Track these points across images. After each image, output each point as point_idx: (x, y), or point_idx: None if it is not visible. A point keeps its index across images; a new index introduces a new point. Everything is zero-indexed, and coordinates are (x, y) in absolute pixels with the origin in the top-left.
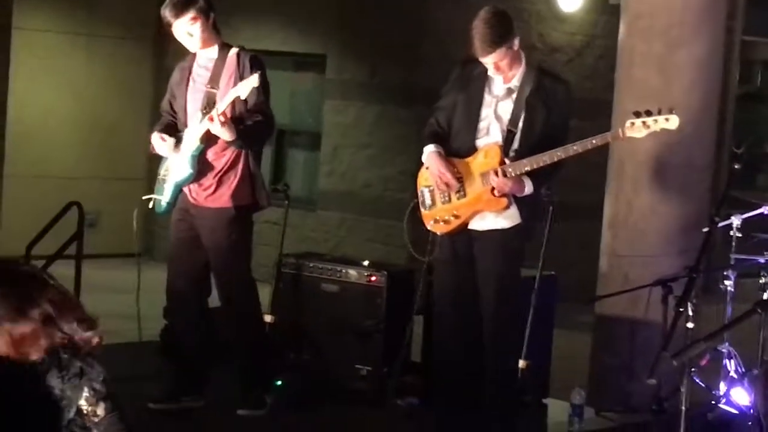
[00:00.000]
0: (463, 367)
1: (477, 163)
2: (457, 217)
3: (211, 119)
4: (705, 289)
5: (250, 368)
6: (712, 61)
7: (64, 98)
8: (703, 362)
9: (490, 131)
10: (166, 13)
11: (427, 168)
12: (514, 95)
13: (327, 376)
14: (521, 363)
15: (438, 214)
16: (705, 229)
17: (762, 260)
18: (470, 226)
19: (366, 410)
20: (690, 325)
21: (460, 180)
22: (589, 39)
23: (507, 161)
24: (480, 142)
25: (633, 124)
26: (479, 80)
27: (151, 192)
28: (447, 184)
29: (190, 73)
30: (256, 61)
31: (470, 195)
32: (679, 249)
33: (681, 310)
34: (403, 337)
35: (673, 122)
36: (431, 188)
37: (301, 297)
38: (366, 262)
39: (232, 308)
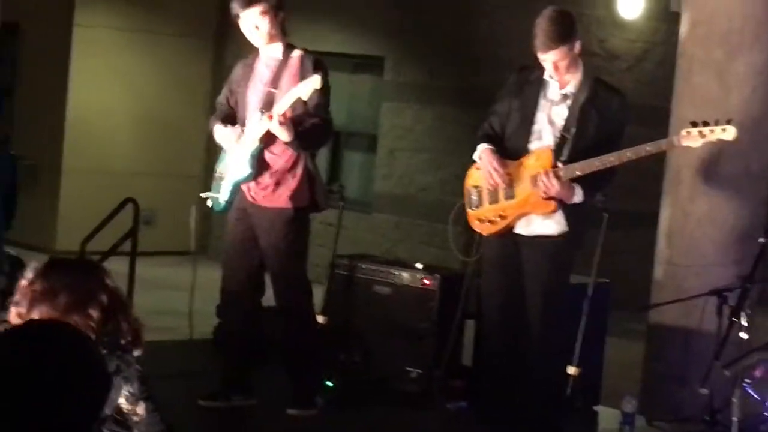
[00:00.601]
0: (509, 370)
1: (528, 165)
2: (503, 217)
3: (270, 118)
4: (760, 301)
5: (301, 369)
6: None
7: (123, 95)
8: (758, 373)
9: (543, 135)
10: (236, 3)
11: (477, 168)
12: (569, 101)
13: (377, 377)
14: (572, 369)
15: (484, 214)
16: (761, 239)
17: None
18: (516, 230)
19: (414, 412)
20: (744, 335)
21: (510, 181)
22: (649, 46)
23: (559, 164)
24: (532, 146)
25: (689, 133)
26: (535, 85)
27: (208, 190)
28: (496, 182)
29: (252, 71)
30: (320, 64)
31: (518, 196)
32: (734, 259)
33: (734, 320)
34: (448, 340)
35: (729, 133)
36: (479, 188)
37: (353, 298)
38: (419, 265)
39: (287, 309)
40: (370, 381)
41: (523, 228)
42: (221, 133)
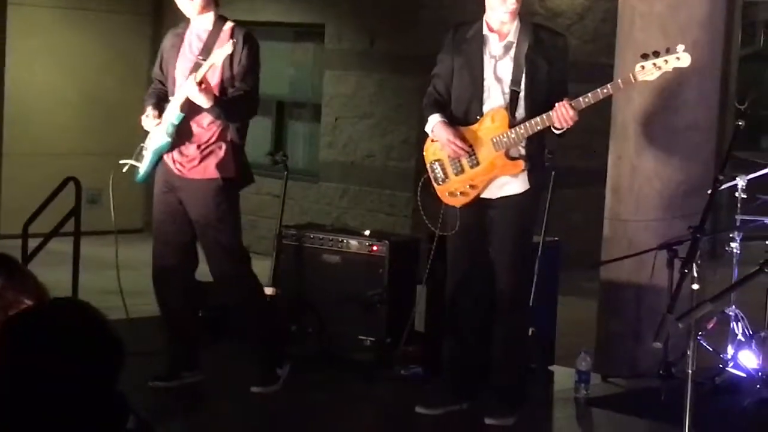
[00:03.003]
0: (474, 336)
1: (485, 128)
2: (474, 186)
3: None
4: (712, 254)
5: (258, 342)
6: (714, 21)
7: (61, 74)
8: (710, 326)
9: (492, 94)
10: None
11: (433, 141)
12: (512, 52)
13: (330, 347)
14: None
15: (454, 187)
16: (709, 191)
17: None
18: (483, 195)
19: (369, 380)
20: (695, 286)
21: (470, 148)
22: (591, 3)
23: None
24: (485, 107)
25: (643, 67)
26: (474, 42)
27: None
28: (457, 153)
29: (182, 40)
30: (249, 38)
31: (484, 162)
32: (684, 212)
33: (686, 271)
34: (409, 307)
35: (684, 60)
36: (441, 161)
37: (302, 268)
38: (367, 232)
39: (226, 280)
40: (324, 351)
41: (489, 191)
42: (143, 120)
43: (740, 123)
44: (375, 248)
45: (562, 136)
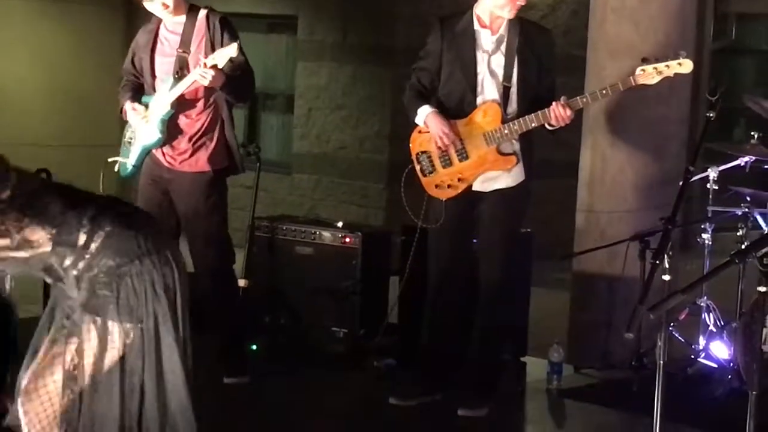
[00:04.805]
0: (455, 330)
1: (477, 122)
2: (462, 180)
3: (206, 66)
4: (684, 245)
5: (231, 335)
6: (686, 14)
7: (34, 66)
8: (682, 316)
9: (485, 88)
10: None
11: (420, 132)
12: (503, 47)
13: (304, 339)
14: None
15: (441, 179)
16: (681, 183)
17: (739, 212)
18: (474, 187)
19: (343, 372)
20: (666, 277)
21: (460, 141)
22: None
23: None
24: (479, 101)
25: (644, 71)
26: (465, 36)
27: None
28: (447, 145)
29: (156, 36)
30: (226, 22)
31: (474, 156)
32: (656, 204)
33: (657, 262)
34: (382, 299)
35: (687, 66)
36: (428, 152)
37: (275, 260)
38: (340, 224)
39: (212, 272)
40: (297, 343)
41: (481, 184)
42: (130, 115)
43: (711, 114)
44: (348, 240)
45: (554, 134)
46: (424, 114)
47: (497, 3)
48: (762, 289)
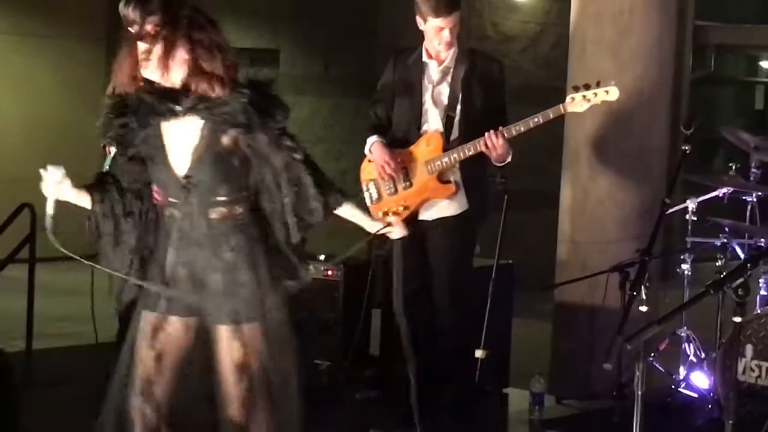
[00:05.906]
0: (421, 360)
1: (420, 151)
2: (406, 207)
3: None
4: (664, 276)
5: None
6: (664, 45)
7: (15, 100)
8: (662, 347)
9: (430, 118)
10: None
11: (370, 161)
12: (449, 78)
13: None
14: (480, 353)
15: (386, 206)
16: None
17: (718, 243)
18: (420, 217)
19: (324, 405)
20: (644, 308)
21: (404, 170)
22: (543, 27)
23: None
24: (423, 130)
25: (573, 99)
26: (415, 68)
27: None
28: (390, 174)
29: None
30: None
31: (417, 184)
32: (636, 234)
33: (634, 293)
34: (356, 330)
35: (612, 94)
36: (376, 181)
37: None
38: (322, 257)
39: None
40: None
41: (426, 213)
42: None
43: (686, 147)
44: (330, 273)
45: (502, 168)
46: (370, 143)
47: (428, 37)
48: (737, 319)
